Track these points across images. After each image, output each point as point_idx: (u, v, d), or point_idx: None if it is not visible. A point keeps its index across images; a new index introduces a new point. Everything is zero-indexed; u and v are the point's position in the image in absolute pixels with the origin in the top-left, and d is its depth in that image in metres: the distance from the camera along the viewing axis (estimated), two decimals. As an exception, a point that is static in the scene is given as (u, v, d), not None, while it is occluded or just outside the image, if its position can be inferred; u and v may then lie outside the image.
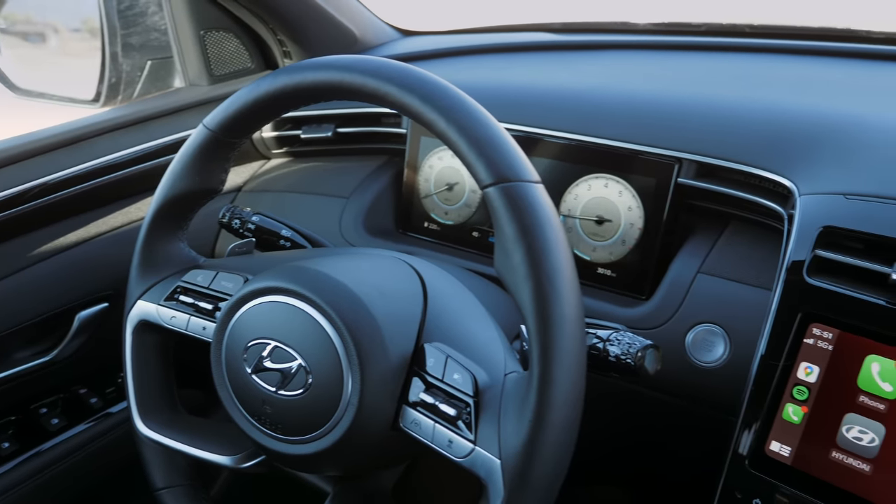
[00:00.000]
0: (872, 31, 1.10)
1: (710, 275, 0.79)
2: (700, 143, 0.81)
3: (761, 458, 0.66)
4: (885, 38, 1.07)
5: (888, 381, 0.62)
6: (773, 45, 1.06)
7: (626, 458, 0.97)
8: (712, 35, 1.19)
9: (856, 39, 1.07)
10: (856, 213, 0.67)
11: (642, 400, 0.84)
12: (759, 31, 1.19)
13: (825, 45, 1.03)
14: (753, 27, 1.22)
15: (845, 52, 0.99)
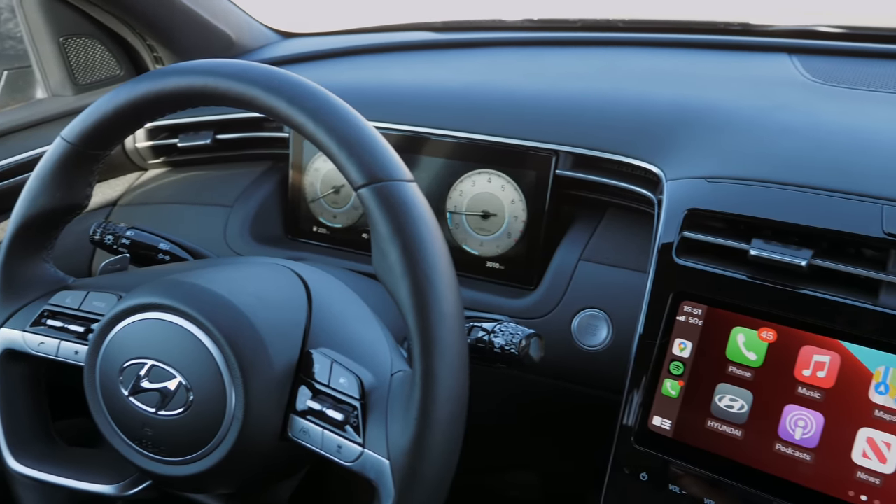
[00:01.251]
0: (731, 23, 1.18)
1: (590, 261, 0.82)
2: (575, 135, 0.84)
3: (645, 434, 0.69)
4: (742, 29, 1.14)
5: (752, 351, 0.66)
6: (642, 39, 1.10)
7: (526, 444, 0.99)
8: (587, 30, 1.24)
9: (715, 31, 1.13)
10: (716, 195, 0.71)
11: (536, 387, 0.86)
12: (632, 26, 1.24)
13: (688, 37, 1.08)
14: (626, 22, 1.27)
15: (706, 44, 1.05)
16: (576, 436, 0.90)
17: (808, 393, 0.64)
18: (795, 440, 0.64)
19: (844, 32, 1.05)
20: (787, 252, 0.65)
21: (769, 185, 0.70)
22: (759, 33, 1.10)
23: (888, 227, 0.63)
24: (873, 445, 0.61)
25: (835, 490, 0.62)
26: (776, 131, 0.75)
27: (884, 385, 0.61)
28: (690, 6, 1.55)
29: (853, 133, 0.74)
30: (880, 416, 0.61)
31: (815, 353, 0.64)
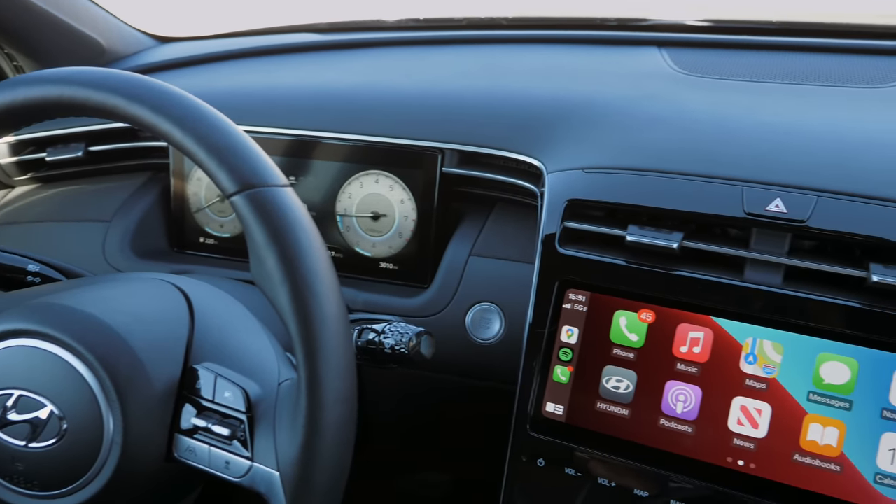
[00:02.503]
0: (607, 19, 1.22)
1: (480, 256, 0.84)
2: (459, 132, 0.85)
3: (540, 420, 0.71)
4: (617, 24, 1.19)
5: (634, 332, 0.69)
6: (524, 36, 1.13)
7: (434, 441, 1.00)
8: (472, 29, 1.25)
9: (592, 27, 1.18)
10: (594, 185, 0.74)
11: (437, 384, 0.86)
12: (515, 24, 1.27)
13: (567, 33, 1.12)
14: (509, 20, 1.30)
15: (584, 40, 1.08)
16: (479, 429, 0.91)
17: (686, 368, 0.67)
18: (677, 414, 0.67)
19: (711, 26, 1.11)
20: (659, 236, 0.68)
21: (641, 174, 0.73)
22: (632, 28, 1.15)
23: (748, 208, 0.67)
24: (746, 413, 0.65)
25: (715, 458, 0.65)
26: (646, 122, 0.79)
27: (752, 355, 0.65)
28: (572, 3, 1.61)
29: (716, 121, 0.78)
30: (751, 384, 0.65)
31: (691, 330, 0.67)
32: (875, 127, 0.75)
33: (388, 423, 0.99)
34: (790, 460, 0.63)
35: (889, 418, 0.61)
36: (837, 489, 0.61)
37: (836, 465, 0.62)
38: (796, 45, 0.97)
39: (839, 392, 0.62)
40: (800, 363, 0.64)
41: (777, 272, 0.66)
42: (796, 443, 0.63)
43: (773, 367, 0.64)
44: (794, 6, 1.24)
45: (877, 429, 0.61)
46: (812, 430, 0.63)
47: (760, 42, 0.99)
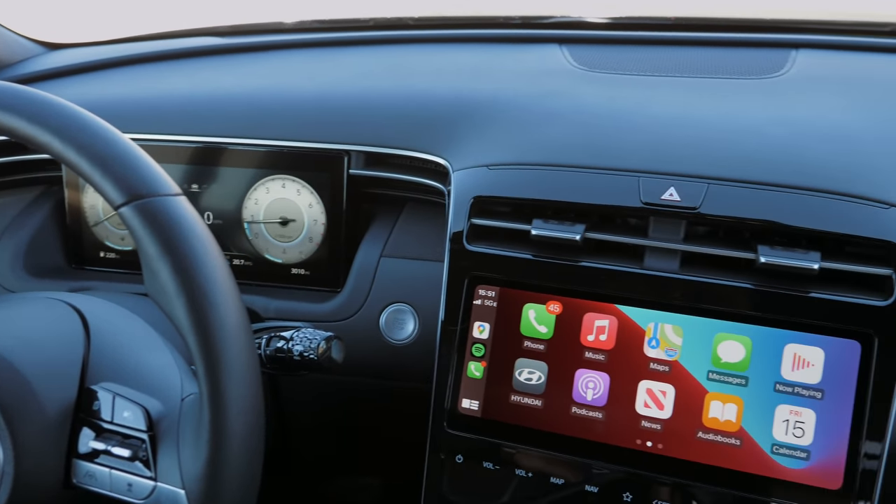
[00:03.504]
0: (511, 17, 1.24)
1: (392, 257, 0.83)
2: (365, 134, 0.84)
3: (456, 417, 0.71)
4: (521, 23, 1.21)
5: (543, 324, 0.70)
6: (429, 36, 1.13)
7: (355, 446, 0.99)
8: (378, 29, 1.25)
9: (496, 26, 1.19)
10: (498, 181, 0.75)
11: (356, 389, 0.86)
12: (421, 23, 1.27)
13: (472, 32, 1.13)
14: (416, 19, 1.30)
15: (488, 38, 1.09)
16: (401, 430, 0.91)
17: (594, 356, 0.69)
18: (588, 401, 0.69)
19: (610, 22, 1.15)
20: (563, 229, 0.70)
21: (543, 169, 0.74)
22: (535, 26, 1.17)
23: (645, 197, 0.69)
24: (652, 395, 0.67)
25: (624, 441, 0.67)
26: (547, 118, 0.80)
27: (655, 340, 0.68)
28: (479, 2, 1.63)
29: (613, 115, 0.80)
30: (655, 367, 0.67)
31: (596, 319, 0.69)
32: (760, 116, 0.79)
33: (310, 431, 0.98)
34: (694, 438, 0.66)
35: (781, 391, 0.64)
36: (738, 462, 0.64)
37: (736, 439, 0.65)
38: (688, 39, 1.02)
39: (736, 369, 0.65)
40: (699, 344, 0.67)
41: (674, 258, 0.69)
42: (699, 420, 0.66)
43: (674, 349, 0.67)
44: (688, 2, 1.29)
45: (771, 402, 0.64)
46: (713, 407, 0.66)
47: (655, 37, 1.03)
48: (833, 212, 0.66)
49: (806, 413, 0.64)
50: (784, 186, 0.68)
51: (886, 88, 0.84)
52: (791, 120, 0.77)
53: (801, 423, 0.63)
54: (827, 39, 1.00)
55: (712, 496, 0.65)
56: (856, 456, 0.62)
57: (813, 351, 0.64)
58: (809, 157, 0.71)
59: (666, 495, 0.66)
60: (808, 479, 0.63)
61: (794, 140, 0.74)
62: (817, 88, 0.84)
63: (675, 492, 0.66)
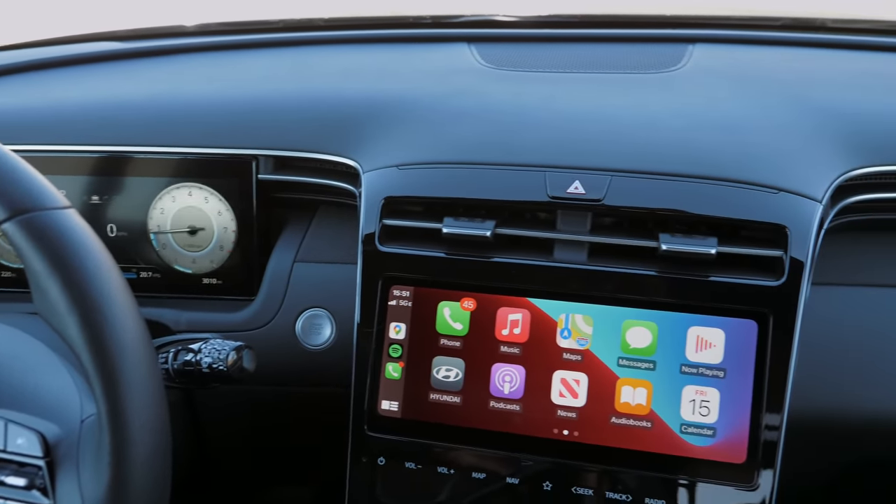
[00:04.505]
0: (421, 17, 1.24)
1: (306, 262, 0.82)
2: (272, 138, 0.83)
3: (376, 419, 0.71)
4: (432, 22, 1.21)
5: (458, 321, 0.71)
6: (338, 37, 1.12)
7: (281, 457, 0.97)
8: (287, 30, 1.23)
9: (405, 25, 1.19)
10: (409, 181, 0.75)
11: (274, 398, 0.84)
12: (331, 24, 1.26)
13: (381, 32, 1.12)
14: (326, 20, 1.28)
15: (396, 38, 1.09)
16: (326, 436, 0.90)
17: (509, 350, 0.70)
18: (505, 394, 0.69)
19: (518, 20, 1.16)
20: (473, 226, 0.71)
21: (453, 167, 0.75)
22: (445, 25, 1.18)
23: (551, 191, 0.71)
24: (566, 385, 0.69)
25: (541, 431, 0.68)
26: (454, 116, 0.81)
27: (567, 330, 0.69)
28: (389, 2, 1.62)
29: (519, 111, 0.82)
30: (568, 357, 0.69)
31: (510, 313, 0.70)
32: (659, 109, 0.81)
33: (231, 444, 0.95)
34: (608, 423, 0.67)
35: (686, 373, 0.67)
36: (650, 443, 0.67)
37: (647, 421, 0.67)
38: (592, 36, 1.04)
39: (644, 354, 0.68)
40: (608, 332, 0.68)
41: (582, 250, 0.70)
42: (612, 406, 0.68)
43: (585, 338, 0.69)
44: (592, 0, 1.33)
45: (678, 383, 0.67)
46: (624, 392, 0.68)
47: (561, 35, 1.05)
48: (727, 198, 0.69)
49: (710, 392, 0.66)
50: (681, 176, 0.71)
51: (774, 79, 0.89)
52: (687, 112, 0.80)
53: (707, 402, 0.66)
54: (721, 34, 1.05)
55: (627, 478, 0.67)
56: (757, 430, 0.65)
57: (714, 332, 0.67)
58: (704, 146, 0.74)
59: (583, 481, 0.68)
60: (714, 455, 0.66)
61: (690, 131, 0.77)
62: (711, 81, 0.88)
63: (591, 477, 0.68)
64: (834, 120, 0.78)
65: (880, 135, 0.77)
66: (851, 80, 0.90)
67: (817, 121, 0.78)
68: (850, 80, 0.90)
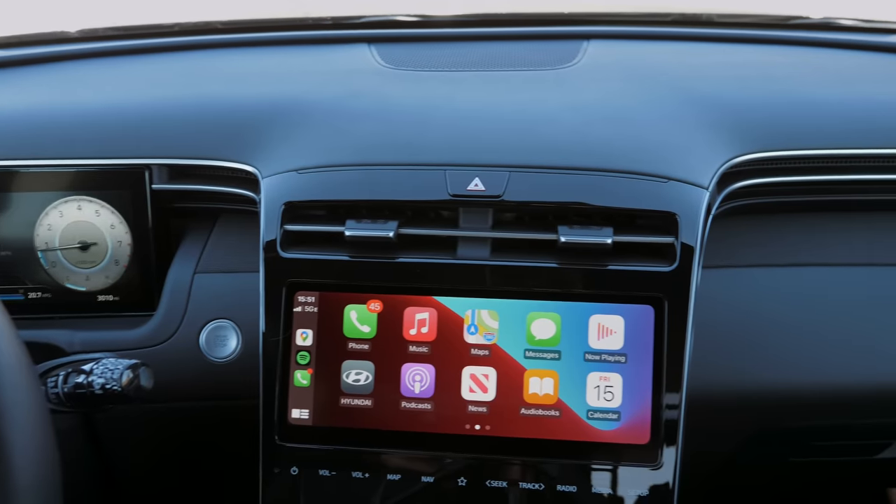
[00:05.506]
0: (322, 18, 1.23)
1: (207, 272, 0.80)
2: (165, 146, 0.80)
3: (287, 429, 0.70)
4: (333, 23, 1.20)
5: (366, 324, 0.71)
6: (236, 40, 1.09)
7: (194, 476, 0.94)
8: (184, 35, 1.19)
9: (304, 27, 1.17)
10: (309, 185, 0.74)
11: (181, 415, 0.81)
12: (230, 27, 1.22)
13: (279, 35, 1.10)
14: (224, 23, 1.25)
15: (295, 40, 1.07)
16: (236, 449, 0.88)
17: (418, 349, 0.70)
18: (416, 394, 0.70)
19: (417, 20, 1.17)
20: (376, 227, 0.70)
21: (353, 169, 0.74)
22: (346, 26, 1.16)
23: (452, 189, 0.71)
24: (476, 380, 0.69)
25: (454, 428, 0.69)
26: (354, 118, 0.80)
27: (473, 326, 0.70)
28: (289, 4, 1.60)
29: (419, 111, 0.82)
30: (476, 353, 0.70)
31: (417, 313, 0.70)
32: (555, 104, 0.83)
33: (142, 468, 0.92)
34: (518, 415, 0.69)
35: (590, 360, 0.69)
36: (559, 431, 0.68)
37: (555, 410, 0.68)
38: (491, 34, 1.06)
39: (549, 345, 0.69)
40: (514, 326, 0.70)
41: (485, 246, 0.71)
42: (521, 398, 0.69)
43: (492, 333, 0.70)
44: None
45: (583, 371, 0.69)
46: (532, 383, 0.69)
47: (460, 34, 1.06)
48: (620, 189, 0.71)
49: (614, 377, 0.68)
50: (577, 169, 0.73)
51: (664, 73, 0.92)
52: (582, 106, 0.82)
53: (611, 387, 0.68)
54: (615, 30, 1.08)
55: (539, 467, 0.68)
56: (659, 410, 0.67)
57: (614, 319, 0.69)
58: (598, 140, 0.77)
59: (498, 474, 0.69)
60: (620, 438, 0.68)
61: (584, 125, 0.79)
62: (605, 76, 0.91)
63: (505, 469, 0.69)
64: (718, 110, 0.82)
65: (761, 123, 0.81)
66: (735, 71, 0.94)
67: (703, 112, 0.82)
68: (734, 71, 0.94)
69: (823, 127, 0.81)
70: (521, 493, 0.68)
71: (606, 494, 0.68)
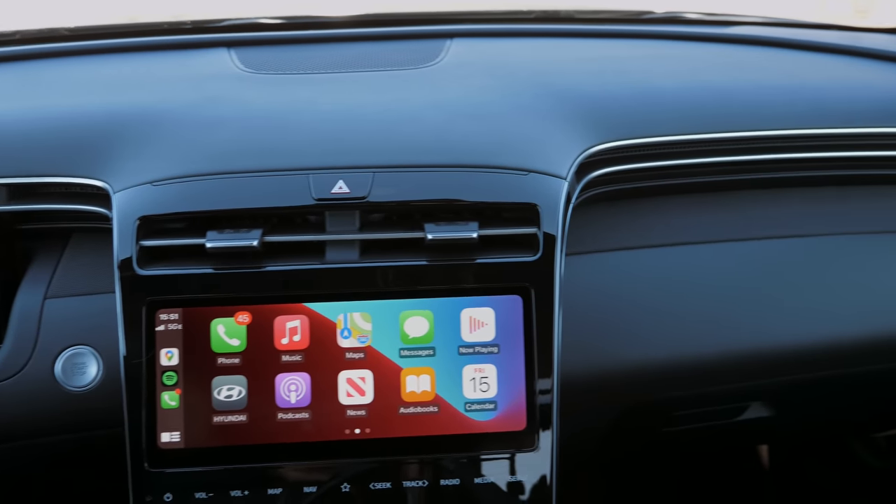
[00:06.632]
0: (181, 22, 1.18)
1: (59, 297, 0.75)
2: (2, 164, 0.74)
3: (157, 454, 0.67)
4: (192, 27, 1.15)
5: (235, 337, 0.68)
6: (80, 48, 1.02)
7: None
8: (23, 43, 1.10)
9: (163, 32, 1.12)
10: (166, 197, 0.71)
11: (40, 453, 0.76)
12: (76, 34, 1.15)
13: (131, 41, 1.04)
14: (71, 30, 1.17)
15: (150, 46, 1.02)
16: (105, 481, 0.83)
17: (291, 358, 0.68)
18: (292, 404, 0.68)
19: (278, 23, 1.14)
20: (238, 237, 0.68)
21: (212, 178, 0.72)
22: (204, 30, 1.12)
23: (316, 194, 0.70)
24: (352, 384, 0.69)
25: (333, 434, 0.68)
26: (211, 125, 0.78)
27: (346, 330, 0.69)
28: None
29: (280, 115, 0.80)
30: (351, 357, 0.69)
31: (287, 321, 0.69)
32: (418, 103, 0.84)
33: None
34: (397, 415, 0.69)
35: (465, 353, 0.70)
36: (438, 427, 0.69)
37: (433, 406, 0.69)
38: (353, 35, 1.05)
39: (423, 342, 0.69)
40: (387, 326, 0.69)
41: (353, 248, 0.71)
42: (399, 397, 0.69)
43: (365, 335, 0.69)
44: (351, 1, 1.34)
45: (458, 365, 0.70)
46: (409, 381, 0.69)
47: (322, 35, 1.05)
48: (483, 184, 0.73)
49: (488, 368, 0.70)
50: (441, 166, 0.73)
51: (525, 68, 0.95)
52: (444, 104, 0.83)
53: (486, 378, 0.70)
54: (478, 28, 1.10)
55: (421, 465, 0.69)
56: (533, 397, 0.69)
57: (485, 311, 0.70)
58: (461, 136, 0.78)
59: (381, 476, 0.68)
60: (498, 427, 0.69)
61: (447, 123, 0.80)
62: (467, 73, 0.92)
63: (387, 470, 0.68)
64: (575, 103, 0.86)
65: (614, 114, 0.85)
66: (591, 65, 0.98)
67: (561, 105, 0.85)
68: (590, 65, 0.98)
69: (671, 115, 0.86)
70: (406, 491, 0.69)
71: (489, 483, 0.69)
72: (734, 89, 0.91)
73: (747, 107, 0.86)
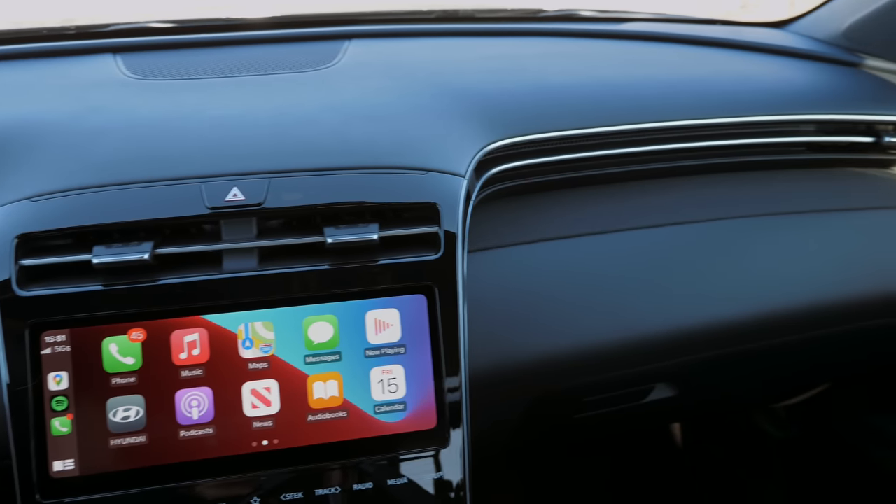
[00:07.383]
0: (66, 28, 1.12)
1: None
2: None
3: (49, 484, 0.63)
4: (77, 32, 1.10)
5: (129, 356, 0.65)
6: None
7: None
8: None
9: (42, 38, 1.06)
10: (46, 213, 0.67)
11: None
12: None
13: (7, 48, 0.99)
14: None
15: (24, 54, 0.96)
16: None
17: (191, 373, 0.66)
18: (195, 420, 0.66)
19: (167, 27, 1.10)
20: (128, 251, 0.65)
21: (97, 190, 0.68)
22: (88, 36, 1.07)
23: (209, 202, 0.68)
24: (257, 395, 0.67)
25: (239, 448, 0.66)
26: (94, 135, 0.74)
27: (248, 340, 0.68)
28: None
29: (169, 122, 0.77)
30: (254, 367, 0.67)
31: (185, 335, 0.67)
32: (314, 105, 0.83)
33: None
34: (305, 423, 0.68)
35: (371, 356, 0.69)
36: (348, 431, 0.68)
37: (342, 411, 0.68)
38: (245, 38, 1.02)
39: (328, 347, 0.69)
40: (291, 333, 0.68)
41: (251, 256, 0.69)
42: (306, 405, 0.68)
43: (268, 344, 0.68)
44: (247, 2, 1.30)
45: (365, 368, 0.69)
46: (316, 388, 0.68)
47: (212, 39, 1.02)
48: (382, 185, 0.73)
49: (396, 369, 0.70)
50: (338, 169, 0.73)
51: (422, 68, 0.95)
52: (341, 106, 0.83)
53: (394, 379, 0.69)
54: (376, 29, 1.10)
55: (333, 472, 0.68)
56: (442, 395, 0.70)
57: (390, 313, 0.70)
58: (358, 138, 0.77)
59: (291, 486, 0.67)
60: (409, 427, 0.69)
61: (344, 125, 0.79)
62: (365, 74, 0.92)
63: (298, 480, 0.67)
64: (472, 101, 0.87)
65: (510, 111, 0.86)
66: (489, 64, 1.00)
67: (458, 103, 0.86)
68: (488, 64, 1.00)
69: (565, 110, 0.88)
70: (318, 499, 0.67)
71: (403, 483, 0.69)
72: (624, 84, 0.94)
73: (635, 100, 0.89)
